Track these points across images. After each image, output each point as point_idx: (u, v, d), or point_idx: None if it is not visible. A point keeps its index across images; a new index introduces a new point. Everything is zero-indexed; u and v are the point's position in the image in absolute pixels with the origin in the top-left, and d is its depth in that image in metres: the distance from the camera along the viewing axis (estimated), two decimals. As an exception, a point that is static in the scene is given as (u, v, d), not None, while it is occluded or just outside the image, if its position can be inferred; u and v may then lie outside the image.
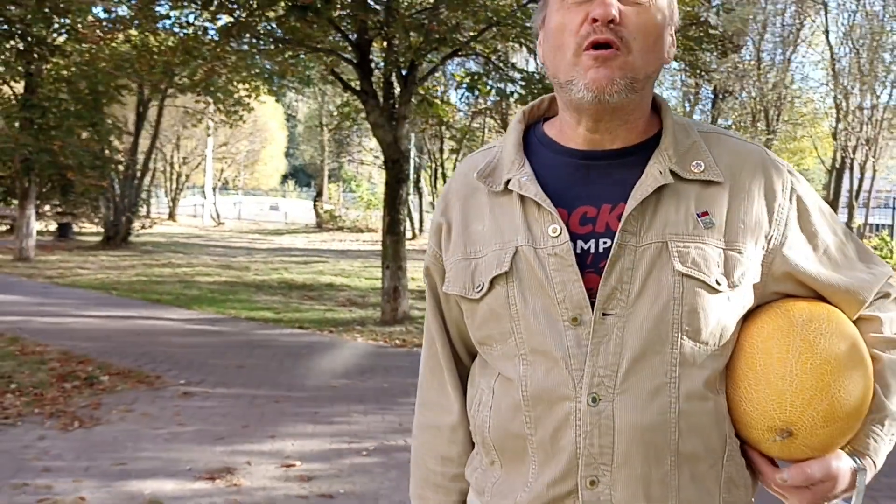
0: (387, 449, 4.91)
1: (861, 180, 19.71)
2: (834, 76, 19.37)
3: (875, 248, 20.20)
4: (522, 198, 1.19)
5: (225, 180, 37.97)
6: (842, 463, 1.14)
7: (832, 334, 1.14)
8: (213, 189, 33.57)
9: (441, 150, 25.22)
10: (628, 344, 1.11)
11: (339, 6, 7.82)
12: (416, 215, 27.00)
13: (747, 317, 1.18)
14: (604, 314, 1.11)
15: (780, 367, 1.12)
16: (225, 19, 9.66)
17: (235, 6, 7.38)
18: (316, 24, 7.68)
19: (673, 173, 1.15)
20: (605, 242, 1.14)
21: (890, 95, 19.11)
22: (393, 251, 9.75)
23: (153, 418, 5.39)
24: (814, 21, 20.52)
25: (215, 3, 7.33)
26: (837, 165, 20.01)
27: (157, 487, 4.15)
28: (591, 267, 1.14)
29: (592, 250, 1.15)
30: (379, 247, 21.96)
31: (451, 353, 1.35)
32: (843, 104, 19.21)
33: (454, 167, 25.35)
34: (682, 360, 1.11)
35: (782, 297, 1.21)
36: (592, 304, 1.12)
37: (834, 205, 19.60)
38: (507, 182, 1.20)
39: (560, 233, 1.14)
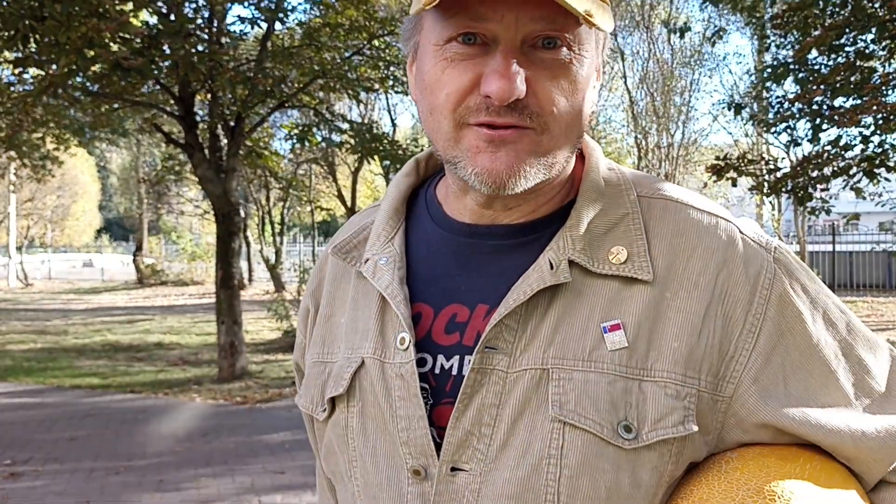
0: (241, 511, 4.83)
1: (663, 212, 21.41)
2: (633, 118, 21.08)
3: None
4: None
5: (31, 238, 35.32)
6: None
7: None
8: (19, 248, 31.12)
9: (268, 199, 24.89)
10: None
11: (162, 66, 7.67)
12: (244, 265, 26.40)
13: (684, 475, 0.83)
14: (453, 468, 0.82)
15: None
16: (32, 73, 9.21)
17: (47, 62, 7.06)
18: (137, 82, 7.50)
19: (576, 265, 0.83)
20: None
21: (683, 134, 21.01)
22: (227, 305, 9.55)
23: (-22, 505, 5.00)
24: (612, 68, 22.31)
25: (26, 58, 6.97)
26: (642, 199, 21.64)
27: (-7, 580, 3.87)
28: (450, 395, 0.85)
29: (455, 371, 0.86)
30: (207, 300, 21.34)
31: None
32: (643, 143, 20.91)
33: (281, 216, 25.08)
34: None
35: (748, 444, 0.84)
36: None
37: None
38: (367, 261, 0.94)
39: (408, 346, 0.85)
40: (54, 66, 7.85)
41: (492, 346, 0.81)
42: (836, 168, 8.05)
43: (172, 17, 8.00)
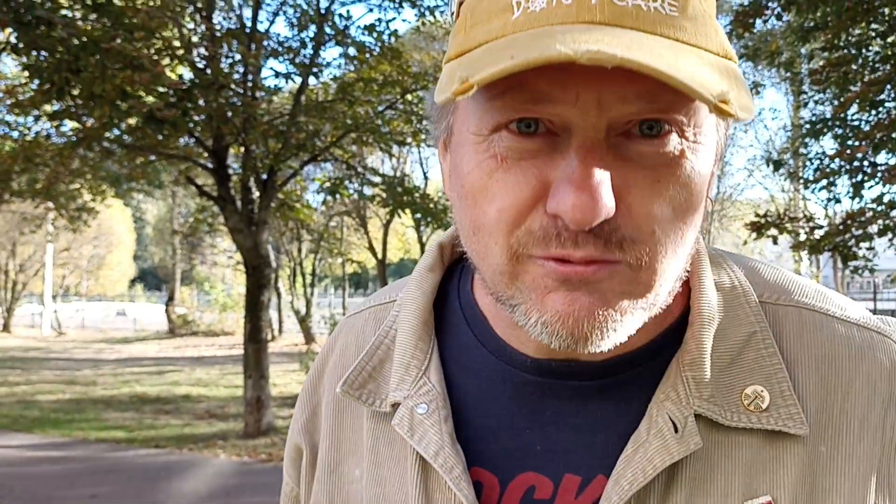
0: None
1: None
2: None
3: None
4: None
5: (66, 287, 35.82)
6: None
7: None
8: (54, 297, 31.53)
9: (299, 251, 25.00)
10: None
11: (196, 119, 7.73)
12: (274, 315, 26.44)
13: None
14: None
15: None
16: (70, 125, 9.35)
17: (84, 114, 7.14)
18: (171, 135, 7.56)
19: (703, 419, 0.61)
20: None
21: (717, 189, 20.81)
22: (255, 359, 9.43)
23: (-8, 566, 4.85)
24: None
25: (63, 111, 7.07)
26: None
27: None
28: None
29: None
30: (237, 351, 21.33)
31: None
32: (677, 198, 20.78)
33: (313, 267, 25.12)
34: None
35: None
36: None
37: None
38: (396, 405, 0.69)
39: None
40: (91, 120, 7.96)
41: None
42: (881, 226, 7.81)
43: (208, 71, 8.08)
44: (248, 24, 9.30)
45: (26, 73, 7.23)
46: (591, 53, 0.45)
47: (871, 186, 8.50)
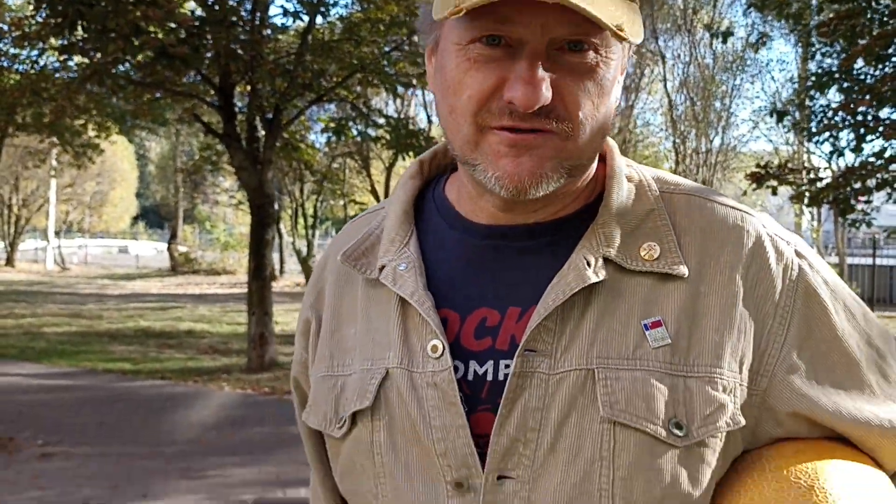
0: (267, 502, 4.85)
1: (699, 218, 21.20)
2: (672, 122, 20.86)
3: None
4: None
5: (70, 223, 35.94)
6: None
7: None
8: (57, 233, 31.67)
9: (301, 191, 25.03)
10: None
11: (206, 56, 7.75)
12: (276, 256, 26.58)
13: (725, 476, 0.83)
14: (499, 477, 0.79)
15: None
16: (77, 60, 9.34)
17: (93, 50, 7.15)
18: (182, 71, 7.58)
19: (610, 262, 0.82)
20: (508, 366, 0.81)
21: (722, 140, 20.76)
22: (259, 296, 9.61)
23: (9, 483, 5.07)
24: (652, 71, 22.09)
25: (71, 45, 7.08)
26: (677, 205, 21.45)
27: (21, 559, 3.92)
28: (486, 402, 0.82)
29: (490, 377, 0.82)
30: (238, 290, 21.54)
31: (333, 490, 0.99)
32: (682, 148, 20.69)
33: (314, 208, 25.18)
34: None
35: (783, 441, 0.85)
36: (486, 458, 0.80)
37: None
38: (382, 268, 0.89)
39: (441, 353, 0.82)
40: (99, 55, 7.98)
41: (531, 348, 0.79)
42: (879, 180, 7.88)
43: (216, 7, 8.07)
44: (257, -40, 9.23)
45: (31, 6, 7.23)
46: None
47: (872, 141, 8.54)
